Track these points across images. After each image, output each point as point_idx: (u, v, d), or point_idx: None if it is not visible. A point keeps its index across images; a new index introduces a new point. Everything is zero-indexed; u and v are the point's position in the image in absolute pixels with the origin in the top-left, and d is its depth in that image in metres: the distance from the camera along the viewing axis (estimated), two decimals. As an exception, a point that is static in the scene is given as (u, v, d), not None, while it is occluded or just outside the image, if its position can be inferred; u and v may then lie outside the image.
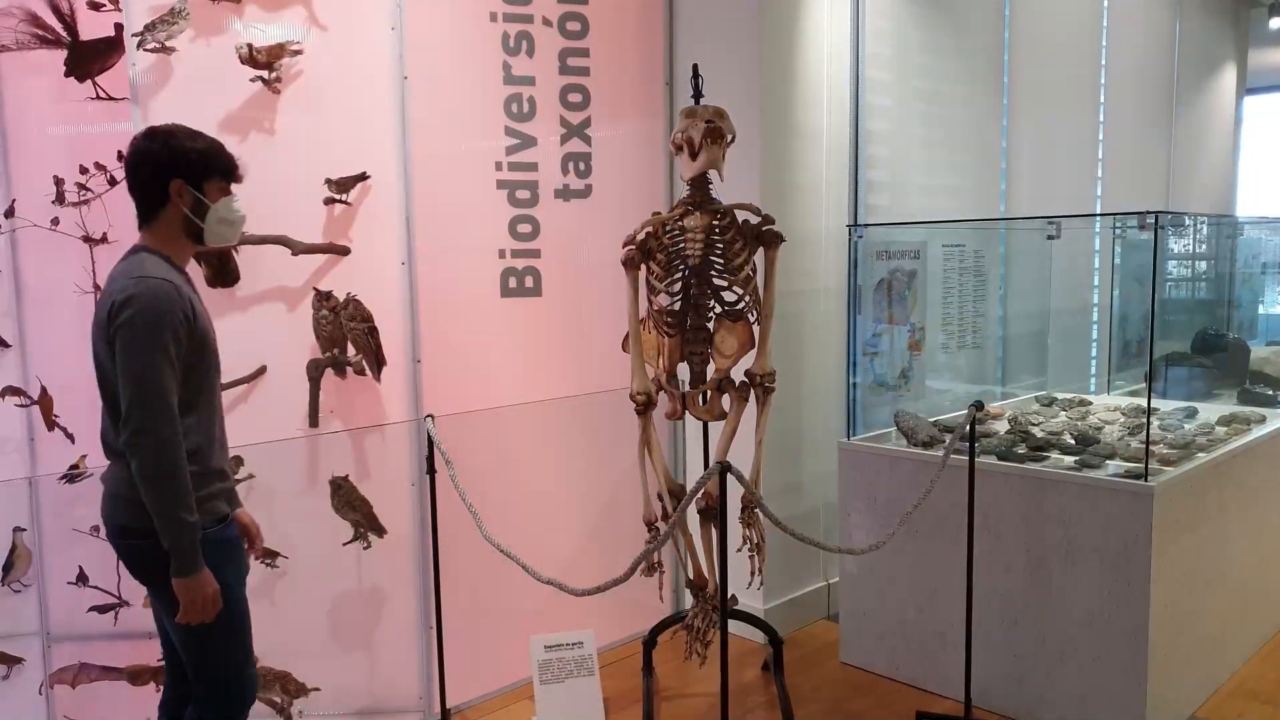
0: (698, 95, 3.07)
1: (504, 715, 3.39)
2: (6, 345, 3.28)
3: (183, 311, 2.10)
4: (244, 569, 2.35)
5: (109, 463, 2.25)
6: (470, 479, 3.05)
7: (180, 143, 2.20)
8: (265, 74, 2.98)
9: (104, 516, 2.25)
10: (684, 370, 3.10)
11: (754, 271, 3.00)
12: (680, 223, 2.98)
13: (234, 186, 2.28)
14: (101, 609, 3.31)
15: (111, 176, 3.26)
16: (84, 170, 3.26)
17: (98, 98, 3.26)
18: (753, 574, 3.08)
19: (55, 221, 3.28)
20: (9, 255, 3.26)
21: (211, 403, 2.26)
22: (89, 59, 3.24)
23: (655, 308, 3.06)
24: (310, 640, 3.19)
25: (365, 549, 3.22)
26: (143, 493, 2.08)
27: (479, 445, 3.38)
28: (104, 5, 3.22)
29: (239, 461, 2.94)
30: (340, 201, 3.10)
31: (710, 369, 3.04)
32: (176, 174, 2.17)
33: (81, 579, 3.29)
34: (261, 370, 3.05)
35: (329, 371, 3.11)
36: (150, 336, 2.05)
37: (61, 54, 3.23)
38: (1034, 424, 3.78)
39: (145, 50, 2.89)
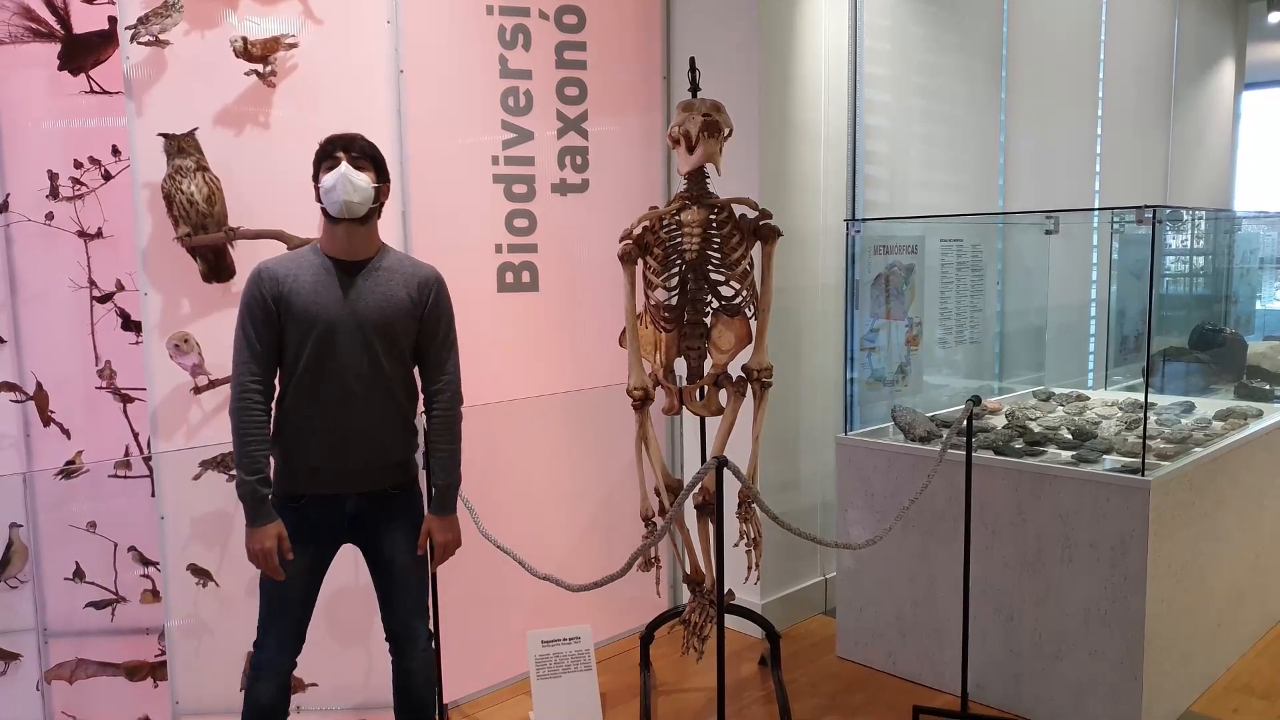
0: (695, 89, 3.06)
1: (501, 710, 3.39)
2: (2, 341, 3.27)
3: (260, 293, 2.33)
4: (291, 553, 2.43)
5: None
6: (467, 475, 3.04)
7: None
8: (260, 68, 2.97)
9: None
10: (681, 365, 3.09)
11: (751, 266, 2.99)
12: (677, 217, 2.97)
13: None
14: (99, 604, 3.31)
15: (106, 171, 3.25)
16: (78, 165, 3.25)
17: (92, 91, 3.24)
18: (750, 569, 3.08)
19: (50, 216, 3.26)
20: (3, 250, 3.25)
21: (317, 386, 2.36)
22: (83, 52, 3.22)
23: (652, 303, 3.05)
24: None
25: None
26: None
27: (475, 441, 3.35)
28: (98, -2, 3.21)
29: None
30: (336, 196, 3.09)
31: (707, 364, 3.04)
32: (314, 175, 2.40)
33: (78, 575, 3.29)
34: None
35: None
36: (239, 315, 2.36)
37: (55, 47, 3.21)
38: (1031, 419, 3.78)
39: (139, 43, 2.88)
